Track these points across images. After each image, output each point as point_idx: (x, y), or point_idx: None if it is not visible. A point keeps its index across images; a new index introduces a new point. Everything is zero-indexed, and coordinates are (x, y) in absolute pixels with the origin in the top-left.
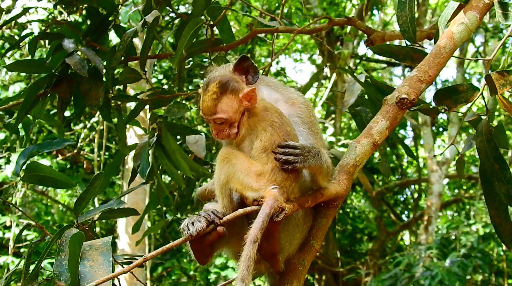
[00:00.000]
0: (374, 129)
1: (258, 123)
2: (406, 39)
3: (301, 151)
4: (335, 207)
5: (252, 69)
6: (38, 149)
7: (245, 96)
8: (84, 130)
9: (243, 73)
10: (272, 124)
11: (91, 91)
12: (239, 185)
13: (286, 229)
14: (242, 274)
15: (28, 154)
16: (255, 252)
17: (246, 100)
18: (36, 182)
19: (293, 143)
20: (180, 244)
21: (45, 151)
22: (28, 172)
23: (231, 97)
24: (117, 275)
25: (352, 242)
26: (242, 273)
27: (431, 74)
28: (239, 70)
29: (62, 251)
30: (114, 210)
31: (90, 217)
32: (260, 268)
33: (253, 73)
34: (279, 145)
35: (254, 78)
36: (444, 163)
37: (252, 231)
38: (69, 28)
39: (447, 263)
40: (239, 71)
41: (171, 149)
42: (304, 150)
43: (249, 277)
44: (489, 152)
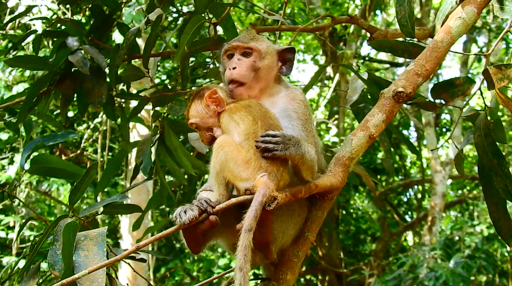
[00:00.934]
0: (371, 122)
1: (240, 111)
2: (405, 33)
3: (282, 139)
4: (330, 200)
5: (290, 63)
6: (43, 142)
7: (207, 100)
8: (87, 131)
9: (282, 61)
10: (254, 115)
11: (94, 89)
12: (230, 175)
13: (279, 220)
14: (240, 263)
15: (33, 147)
16: (251, 241)
17: (213, 103)
18: (43, 174)
19: (273, 132)
20: (173, 232)
21: (50, 143)
22: (34, 164)
23: (197, 102)
24: (109, 262)
25: (356, 242)
26: (239, 262)
27: (428, 68)
28: (281, 56)
29: (57, 240)
30: (117, 206)
31: (93, 211)
32: (255, 260)
33: (288, 67)
34: (262, 134)
35: (287, 71)
36: (448, 164)
37: (246, 220)
38: (73, 26)
39: (451, 264)
40: (280, 56)
41: (173, 146)
42: (284, 138)
43: (247, 265)
44: (487, 147)
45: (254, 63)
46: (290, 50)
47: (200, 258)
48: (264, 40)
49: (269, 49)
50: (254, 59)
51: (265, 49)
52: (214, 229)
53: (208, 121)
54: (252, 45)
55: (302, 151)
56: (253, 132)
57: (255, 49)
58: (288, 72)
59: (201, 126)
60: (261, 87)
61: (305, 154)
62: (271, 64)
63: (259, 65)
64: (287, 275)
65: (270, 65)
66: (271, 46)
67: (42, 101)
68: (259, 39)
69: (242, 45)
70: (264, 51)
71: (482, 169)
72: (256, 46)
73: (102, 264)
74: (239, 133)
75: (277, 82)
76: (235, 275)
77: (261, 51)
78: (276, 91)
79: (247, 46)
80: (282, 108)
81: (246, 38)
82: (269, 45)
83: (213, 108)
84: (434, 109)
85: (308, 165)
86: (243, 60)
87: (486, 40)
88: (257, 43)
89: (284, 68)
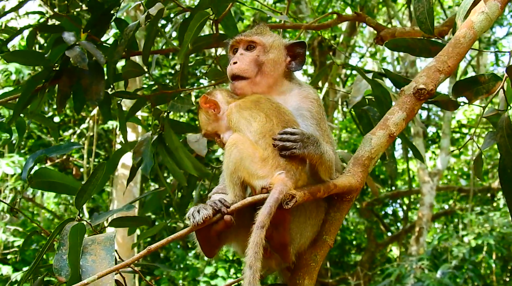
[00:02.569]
0: (391, 121)
1: (249, 112)
2: (423, 30)
3: (300, 137)
4: (349, 201)
5: (300, 59)
6: (46, 154)
7: (203, 106)
8: (73, 137)
9: (291, 56)
10: (266, 111)
11: (92, 85)
12: (246, 174)
13: (297, 220)
14: (250, 261)
15: (36, 159)
16: (263, 239)
17: (210, 108)
18: (46, 189)
19: (292, 129)
20: (187, 233)
21: (52, 155)
22: (37, 178)
23: (200, 111)
24: (120, 267)
25: (341, 253)
26: (250, 259)
27: (450, 64)
28: (290, 51)
29: (63, 245)
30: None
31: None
32: (271, 264)
33: (298, 62)
34: (279, 132)
35: (297, 67)
36: (436, 174)
37: (259, 217)
38: (69, 21)
39: (439, 274)
40: (289, 51)
41: (173, 146)
42: (303, 137)
43: (257, 263)
44: (509, 147)
45: (257, 57)
46: (300, 45)
47: (186, 266)
48: (272, 35)
49: (275, 43)
50: (258, 53)
51: (270, 43)
52: (229, 231)
53: (213, 127)
54: (255, 38)
55: (321, 151)
56: (269, 130)
57: (259, 42)
58: (299, 67)
59: (211, 133)
60: (269, 84)
61: (324, 153)
62: (277, 58)
63: (263, 60)
64: (304, 280)
65: (276, 59)
66: (278, 40)
67: (37, 99)
68: (266, 34)
69: (245, 38)
70: (269, 45)
71: (504, 171)
72: (260, 39)
73: (112, 269)
74: (253, 131)
75: (288, 79)
76: (244, 273)
77: (265, 44)
78: (287, 88)
79: (250, 39)
80: (294, 107)
81: (252, 32)
82: (275, 39)
83: (212, 112)
84: (455, 108)
85: (326, 165)
86: (245, 54)
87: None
88: (261, 36)
89: (293, 63)
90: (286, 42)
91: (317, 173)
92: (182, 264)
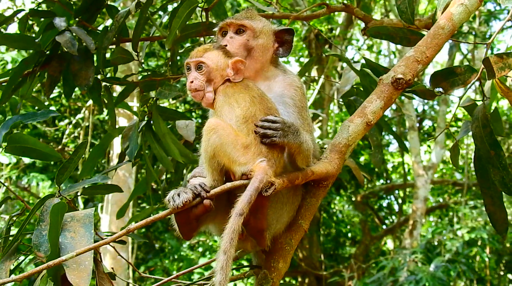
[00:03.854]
0: (368, 109)
1: (237, 93)
2: (404, 20)
3: (281, 126)
4: (325, 187)
5: (288, 45)
6: (22, 120)
7: (233, 63)
8: (69, 127)
9: (279, 42)
10: (252, 96)
11: (81, 71)
12: (226, 159)
13: (274, 206)
14: (225, 246)
15: (11, 125)
16: (240, 226)
17: (233, 68)
18: (20, 154)
19: (273, 117)
20: (166, 216)
21: (29, 121)
22: (12, 142)
23: (222, 55)
24: (98, 245)
25: (336, 246)
26: (225, 245)
27: (428, 55)
28: (278, 37)
29: (43, 221)
30: (97, 186)
31: (73, 192)
32: (246, 246)
33: (286, 48)
34: (260, 119)
35: (284, 53)
36: (431, 168)
37: (239, 204)
38: (61, 7)
39: (432, 267)
40: (277, 37)
41: (161, 132)
42: (284, 125)
43: (231, 249)
44: (484, 138)
45: (247, 42)
46: (288, 31)
47: (180, 257)
48: (261, 20)
49: (264, 28)
50: (247, 38)
51: (260, 27)
52: (207, 215)
53: (216, 76)
54: (245, 22)
55: (301, 140)
56: (252, 115)
57: (249, 27)
58: (286, 54)
59: (207, 72)
60: (256, 69)
61: (303, 143)
62: (266, 44)
63: (252, 44)
64: (279, 263)
65: (265, 45)
66: (268, 25)
67: (27, 83)
68: (256, 18)
69: (236, 22)
70: (259, 29)
71: (479, 161)
72: (250, 24)
73: (91, 246)
74: (237, 115)
75: (273, 65)
76: (218, 257)
77: (255, 29)
78: (272, 74)
79: (240, 23)
80: (278, 94)
81: (242, 16)
82: (265, 24)
83: (229, 73)
84: (432, 97)
85: (304, 154)
86: (235, 38)
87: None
88: (251, 21)
89: (281, 50)
90: (275, 28)
91: (295, 161)
92: (177, 255)
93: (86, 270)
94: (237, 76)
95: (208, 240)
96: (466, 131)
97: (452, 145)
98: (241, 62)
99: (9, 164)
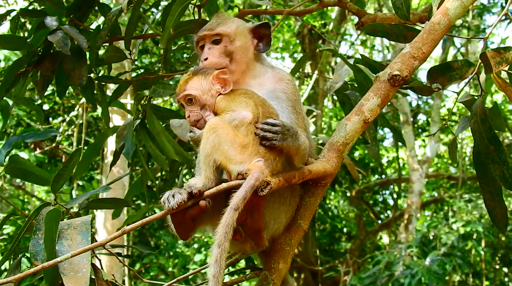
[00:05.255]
0: (365, 107)
1: (238, 97)
2: (399, 16)
3: (281, 129)
4: (323, 186)
5: (267, 39)
6: (22, 139)
7: (215, 77)
8: (62, 124)
9: (257, 38)
10: (255, 101)
11: (74, 70)
12: (223, 157)
13: (271, 206)
14: (219, 240)
15: (12, 144)
16: (235, 220)
17: (219, 83)
18: (19, 176)
19: (273, 120)
20: (161, 217)
21: (30, 141)
22: (11, 164)
23: (202, 77)
24: (93, 247)
25: (331, 241)
26: (219, 238)
27: (424, 50)
28: (255, 33)
29: (39, 229)
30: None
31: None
32: (245, 248)
33: (265, 43)
34: (261, 121)
35: (264, 47)
36: (425, 162)
37: (233, 199)
38: (52, 6)
39: (427, 261)
40: (255, 34)
41: (155, 131)
42: (283, 129)
43: (226, 243)
44: (483, 133)
45: (225, 48)
46: (264, 25)
47: (176, 254)
48: (234, 21)
49: (238, 29)
50: (225, 44)
51: (233, 30)
52: (203, 215)
53: (206, 99)
54: (219, 30)
55: (299, 143)
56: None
57: (223, 33)
58: (266, 48)
59: (197, 101)
60: (242, 69)
61: (301, 145)
62: (244, 44)
63: (231, 49)
64: (279, 264)
65: (243, 45)
66: (242, 25)
67: (20, 83)
68: (227, 22)
69: (210, 33)
70: (233, 32)
71: (478, 156)
72: (224, 30)
73: (85, 248)
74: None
75: (259, 62)
76: (212, 251)
77: (229, 34)
78: (260, 71)
79: (215, 33)
80: (270, 90)
81: (213, 25)
82: (238, 25)
83: (217, 88)
84: (429, 93)
85: (301, 155)
86: (213, 48)
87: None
88: (224, 27)
89: (261, 45)
90: (249, 26)
91: (292, 162)
92: (172, 252)
93: (84, 278)
94: (226, 87)
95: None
96: (465, 126)
97: (451, 141)
98: (221, 73)
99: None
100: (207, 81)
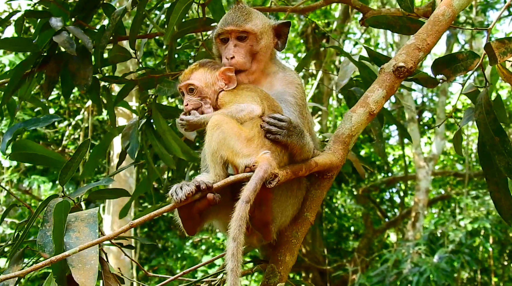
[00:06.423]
0: (370, 98)
1: (242, 91)
2: (403, 8)
3: (287, 125)
4: (329, 178)
5: (284, 38)
6: (24, 126)
7: (221, 73)
8: (68, 128)
9: (277, 36)
10: (260, 95)
11: (79, 70)
12: (229, 152)
13: (278, 199)
14: (234, 233)
15: (14, 132)
16: (247, 213)
17: (223, 79)
18: (25, 160)
19: (280, 115)
20: (169, 210)
21: (32, 127)
22: (16, 150)
23: (208, 70)
24: (101, 240)
25: (339, 240)
26: (234, 232)
27: (429, 42)
28: (277, 31)
29: (47, 221)
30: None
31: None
32: (252, 241)
33: (283, 41)
34: (268, 115)
35: (282, 46)
36: (432, 159)
37: (244, 192)
38: (56, 7)
39: (436, 259)
40: (276, 31)
41: (161, 129)
42: (290, 125)
43: (241, 236)
44: (488, 124)
45: (251, 48)
46: (286, 24)
47: (184, 256)
48: (258, 17)
49: (264, 27)
50: (251, 43)
51: (260, 29)
52: (210, 209)
53: (208, 92)
54: (247, 28)
55: (304, 142)
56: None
57: (251, 31)
58: (283, 47)
59: (198, 92)
60: (260, 68)
61: (305, 145)
62: (268, 43)
63: (256, 49)
64: (285, 256)
65: (267, 45)
66: (266, 22)
67: (25, 84)
68: (253, 18)
69: (237, 29)
70: (260, 31)
71: (483, 148)
72: (252, 28)
73: (94, 242)
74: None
75: (272, 60)
76: (228, 245)
77: (257, 33)
78: (272, 71)
79: (242, 29)
80: (280, 91)
81: (240, 20)
82: (264, 22)
83: (221, 85)
84: (434, 85)
85: (304, 156)
86: (239, 46)
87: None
88: (251, 24)
89: (279, 43)
90: (272, 23)
91: (295, 159)
92: (180, 254)
93: (92, 270)
94: (230, 84)
95: (210, 238)
96: (469, 118)
97: (455, 133)
98: (228, 70)
99: (9, 167)
100: (212, 76)
